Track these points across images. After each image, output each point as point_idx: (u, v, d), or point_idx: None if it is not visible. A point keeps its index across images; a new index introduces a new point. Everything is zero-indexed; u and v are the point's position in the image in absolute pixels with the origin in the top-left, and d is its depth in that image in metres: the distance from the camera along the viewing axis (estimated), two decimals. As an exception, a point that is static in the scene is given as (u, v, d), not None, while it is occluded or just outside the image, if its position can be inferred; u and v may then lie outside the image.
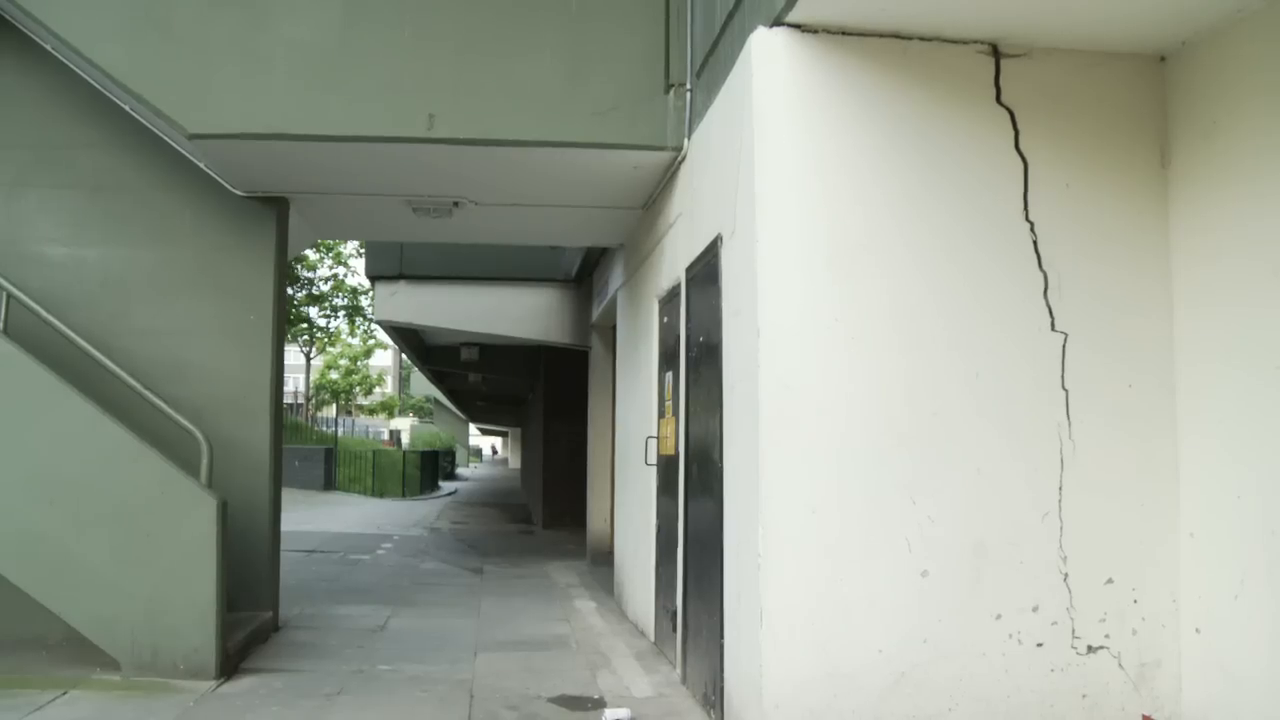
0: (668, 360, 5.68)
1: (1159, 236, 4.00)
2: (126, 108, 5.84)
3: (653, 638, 6.12)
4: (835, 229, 3.83)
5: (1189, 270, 3.90)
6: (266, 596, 6.36)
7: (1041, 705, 3.82)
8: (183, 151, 6.02)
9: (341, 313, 32.84)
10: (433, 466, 30.13)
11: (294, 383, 39.17)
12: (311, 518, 15.55)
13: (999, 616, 3.81)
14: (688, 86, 5.28)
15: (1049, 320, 3.93)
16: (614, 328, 9.24)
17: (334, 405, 44.64)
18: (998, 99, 3.95)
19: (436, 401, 43.21)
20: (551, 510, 14.88)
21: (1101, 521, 3.90)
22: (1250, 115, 3.56)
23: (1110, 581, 3.88)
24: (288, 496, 7.42)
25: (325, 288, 31.27)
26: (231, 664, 5.33)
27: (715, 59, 4.68)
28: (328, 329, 34.36)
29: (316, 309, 31.67)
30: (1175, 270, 3.97)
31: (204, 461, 5.42)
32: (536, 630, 6.67)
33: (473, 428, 54.60)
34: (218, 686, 5.04)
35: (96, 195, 6.14)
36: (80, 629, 5.11)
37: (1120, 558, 3.89)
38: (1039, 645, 3.83)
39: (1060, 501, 3.88)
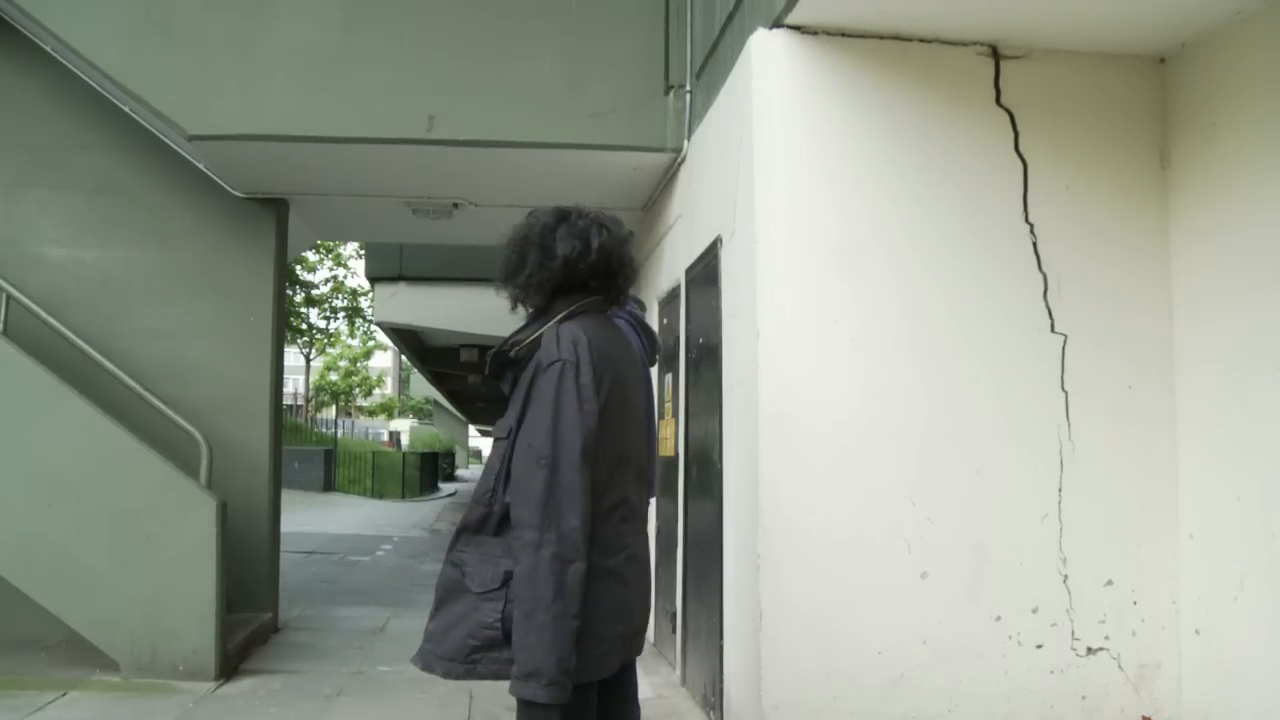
0: (667, 361, 5.67)
1: (1159, 239, 3.99)
2: (126, 109, 5.84)
3: (652, 639, 6.11)
4: (835, 230, 3.82)
5: (1189, 272, 3.89)
6: (266, 598, 6.36)
7: (1041, 707, 3.81)
8: (182, 153, 6.02)
9: (341, 314, 32.87)
10: (432, 468, 30.15)
11: (293, 384, 39.12)
12: (311, 519, 15.54)
13: (998, 618, 3.81)
14: (687, 88, 5.28)
15: (1049, 321, 3.92)
16: (613, 329, 9.22)
17: (333, 406, 44.61)
18: (997, 100, 3.95)
19: (436, 403, 43.18)
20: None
21: (1101, 523, 3.89)
22: (1250, 117, 3.55)
23: (1110, 583, 3.88)
24: (287, 498, 7.41)
25: (325, 289, 31.29)
26: (231, 665, 5.33)
27: (715, 60, 4.68)
28: (327, 330, 34.37)
29: (316, 311, 31.69)
30: (1175, 272, 3.97)
31: (204, 463, 5.42)
32: (536, 631, 6.66)
33: (472, 429, 54.55)
34: (217, 688, 5.04)
35: (96, 197, 6.13)
36: (80, 630, 5.11)
37: (1120, 559, 3.89)
38: (1038, 647, 3.83)
39: (1060, 503, 3.88)
